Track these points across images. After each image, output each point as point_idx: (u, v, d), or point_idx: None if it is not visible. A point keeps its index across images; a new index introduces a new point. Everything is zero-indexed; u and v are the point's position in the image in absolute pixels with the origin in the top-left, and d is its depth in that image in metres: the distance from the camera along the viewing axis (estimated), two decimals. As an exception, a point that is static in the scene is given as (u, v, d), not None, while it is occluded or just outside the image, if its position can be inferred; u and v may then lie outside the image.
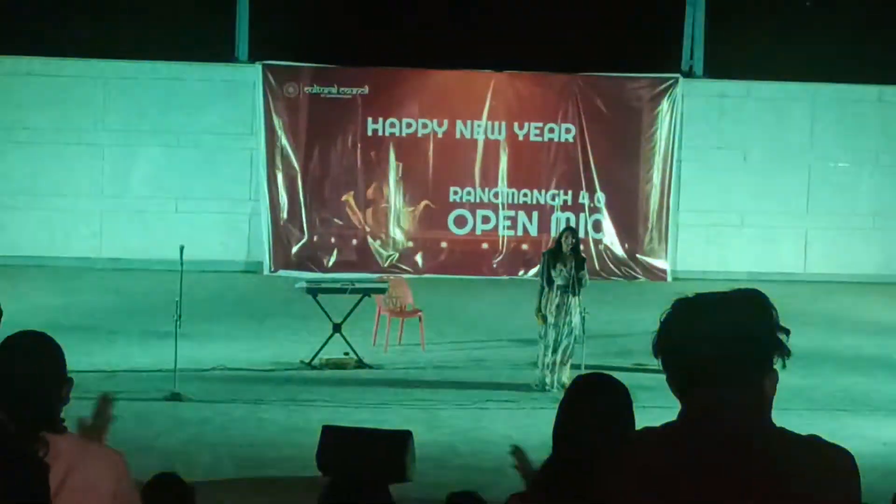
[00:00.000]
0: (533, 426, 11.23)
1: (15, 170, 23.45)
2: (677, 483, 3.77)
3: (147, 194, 23.27)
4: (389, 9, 26.15)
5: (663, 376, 3.70)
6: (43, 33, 24.11)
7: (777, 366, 3.78)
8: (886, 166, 24.43)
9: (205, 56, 24.62)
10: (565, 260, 16.17)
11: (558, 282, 16.06)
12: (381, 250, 24.19)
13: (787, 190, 24.28)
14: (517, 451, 5.44)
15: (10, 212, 23.14)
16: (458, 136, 24.46)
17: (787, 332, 3.74)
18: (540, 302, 16.16)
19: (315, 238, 24.17)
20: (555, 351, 15.94)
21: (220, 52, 24.66)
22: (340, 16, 25.67)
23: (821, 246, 24.20)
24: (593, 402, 5.02)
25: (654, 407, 4.15)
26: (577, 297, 16.00)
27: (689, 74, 25.02)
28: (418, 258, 24.19)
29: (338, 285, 18.83)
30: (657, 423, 3.87)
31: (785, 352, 3.72)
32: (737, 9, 25.14)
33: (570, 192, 24.39)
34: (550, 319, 16.02)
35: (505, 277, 23.27)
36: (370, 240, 24.26)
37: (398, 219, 24.37)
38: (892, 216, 24.36)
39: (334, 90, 24.30)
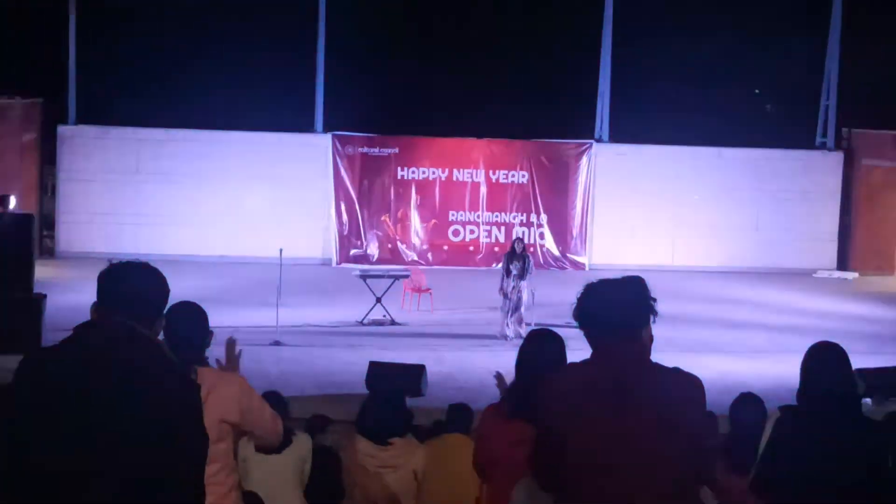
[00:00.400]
0: (501, 362, 11.21)
1: (177, 201, 23.46)
2: (587, 399, 3.82)
3: (259, 214, 23.23)
4: (413, 97, 26.18)
5: (581, 331, 3.78)
6: (194, 113, 24.12)
7: (651, 322, 3.84)
8: (721, 199, 24.47)
9: (295, 129, 24.65)
10: (517, 258, 16.40)
11: (513, 272, 16.25)
12: (406, 251, 24.18)
13: (661, 212, 24.23)
14: (499, 376, 5.56)
15: (175, 226, 23.14)
16: (454, 179, 24.44)
17: (655, 300, 3.81)
18: (502, 284, 16.35)
19: (365, 243, 24.19)
20: (511, 315, 16.13)
21: (305, 125, 24.65)
22: (381, 101, 25.68)
23: (683, 247, 24.18)
24: (540, 346, 5.07)
25: (577, 350, 4.15)
26: (524, 281, 16.19)
27: (599, 140, 24.99)
28: (429, 255, 24.16)
29: (379, 273, 18.98)
30: (578, 360, 3.93)
31: (654, 313, 3.78)
32: (629, 99, 25.10)
33: (524, 215, 24.43)
34: (508, 296, 16.21)
35: (484, 268, 23.16)
36: (399, 244, 24.24)
37: (417, 231, 24.37)
38: (725, 229, 24.40)
39: (376, 150, 24.32)
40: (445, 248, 24.44)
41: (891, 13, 30.51)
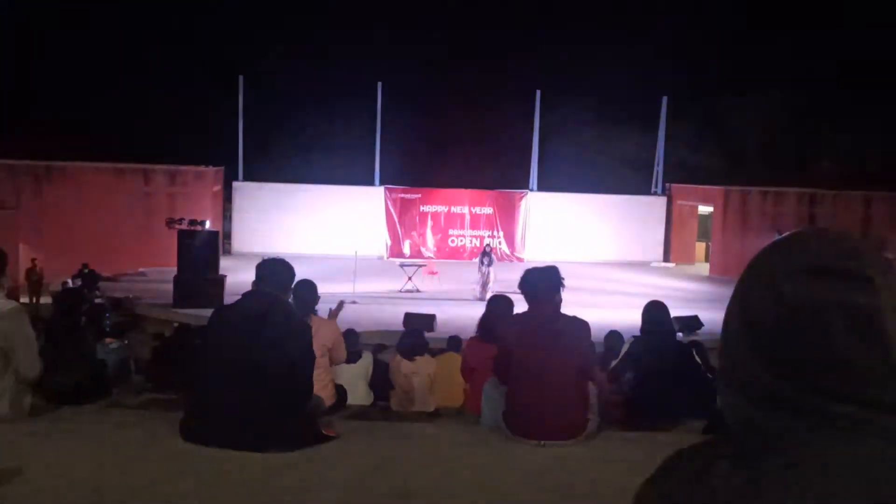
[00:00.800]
0: (476, 313, 11.22)
1: (298, 222, 23.39)
2: (526, 332, 3.80)
3: (343, 230, 23.08)
4: (430, 162, 26.19)
5: (522, 295, 3.80)
6: (307, 174, 24.13)
7: (561, 290, 3.84)
8: (601, 221, 24.33)
9: (362, 182, 24.56)
10: (487, 255, 16.40)
11: (485, 263, 16.25)
12: (425, 251, 24.03)
13: (568, 229, 24.12)
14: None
15: (298, 236, 23.00)
16: (452, 211, 24.29)
17: (563, 279, 3.81)
18: (479, 269, 16.40)
19: (402, 246, 24.06)
20: (483, 287, 16.09)
21: (367, 180, 24.60)
22: (412, 164, 25.73)
23: (580, 248, 23.94)
24: (498, 303, 5.05)
25: (519, 306, 4.15)
26: (491, 268, 16.15)
27: (532, 190, 24.95)
28: (438, 253, 24.02)
29: (410, 263, 19.00)
30: (520, 312, 3.93)
31: (563, 286, 3.78)
32: (549, 165, 25.09)
33: (490, 231, 24.22)
34: (482, 275, 16.22)
35: (468, 261, 22.99)
36: (421, 247, 24.16)
37: (430, 240, 24.25)
38: (603, 238, 24.26)
39: (409, 196, 24.16)
40: (447, 249, 24.28)
41: (694, 116, 30.60)
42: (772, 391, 0.78)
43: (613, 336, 6.96)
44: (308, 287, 4.79)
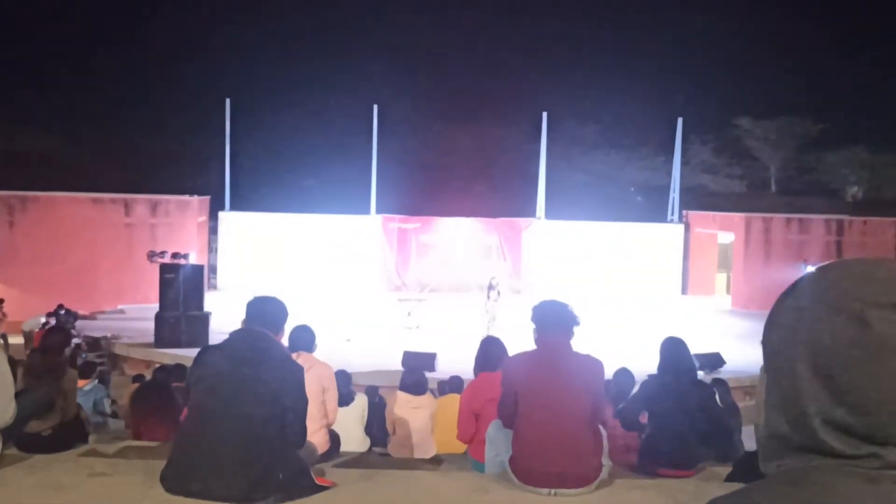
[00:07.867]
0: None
1: (289, 255, 23.34)
2: (532, 371, 3.81)
3: (337, 264, 23.08)
4: (428, 190, 26.35)
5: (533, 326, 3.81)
6: (298, 204, 24.23)
7: (576, 326, 3.85)
8: (615, 250, 24.28)
9: (357, 211, 24.62)
10: (493, 288, 16.28)
11: (490, 297, 16.13)
12: (423, 284, 23.91)
13: (576, 258, 24.07)
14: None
15: (288, 269, 23.03)
16: (453, 241, 24.26)
17: (577, 316, 3.82)
18: (485, 303, 16.23)
19: (401, 279, 23.99)
20: (489, 322, 15.96)
21: (363, 209, 24.67)
22: (409, 194, 25.86)
23: (589, 277, 23.84)
24: (488, 345, 5.04)
25: (515, 346, 4.16)
26: (497, 302, 16.03)
27: (539, 219, 24.98)
28: (438, 287, 23.94)
29: (408, 298, 18.84)
30: (527, 350, 3.93)
31: (578, 322, 3.79)
32: (556, 195, 25.22)
33: (496, 261, 24.08)
34: (487, 309, 16.11)
35: (472, 294, 23.03)
36: (420, 280, 23.97)
37: (430, 272, 24.09)
38: (618, 268, 24.21)
39: (406, 225, 24.16)
40: (448, 282, 24.18)
41: (704, 146, 30.85)
42: (823, 433, 0.78)
43: (623, 374, 6.94)
44: (305, 329, 4.85)
